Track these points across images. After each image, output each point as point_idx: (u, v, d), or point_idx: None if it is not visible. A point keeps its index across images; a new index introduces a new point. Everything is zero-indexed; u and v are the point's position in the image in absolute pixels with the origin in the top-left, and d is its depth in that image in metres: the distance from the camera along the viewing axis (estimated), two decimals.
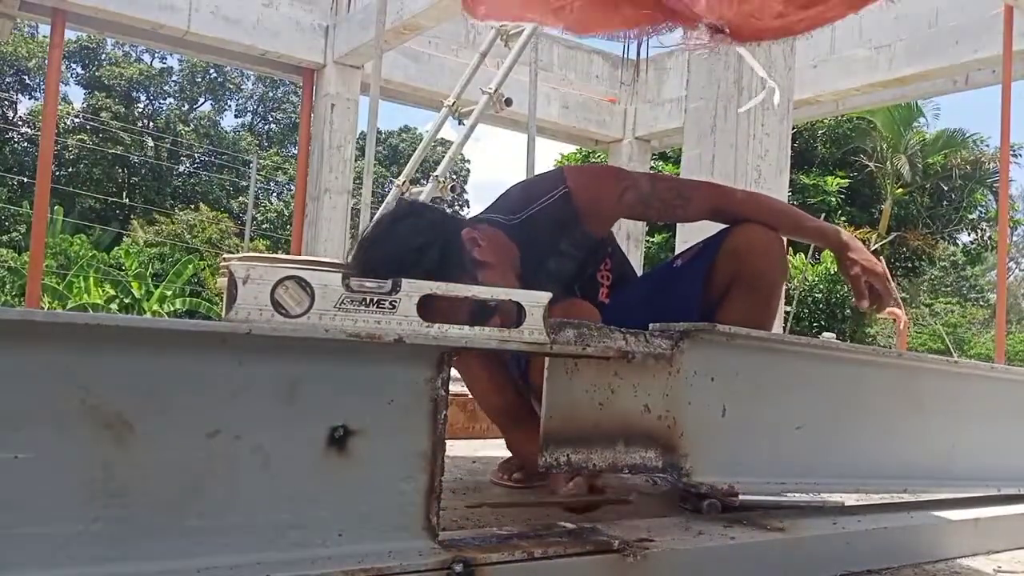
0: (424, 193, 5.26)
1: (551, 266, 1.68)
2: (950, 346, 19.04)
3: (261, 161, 28.49)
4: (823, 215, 16.51)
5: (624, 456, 1.14)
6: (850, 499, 1.56)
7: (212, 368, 0.77)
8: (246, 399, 0.79)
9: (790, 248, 15.45)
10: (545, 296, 0.96)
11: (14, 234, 22.77)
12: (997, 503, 1.61)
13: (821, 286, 16.12)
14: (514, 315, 1.03)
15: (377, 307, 0.85)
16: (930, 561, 1.36)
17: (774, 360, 1.33)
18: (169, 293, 18.21)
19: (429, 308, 1.27)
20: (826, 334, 11.78)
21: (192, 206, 26.04)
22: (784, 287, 1.85)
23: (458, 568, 0.87)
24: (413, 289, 0.87)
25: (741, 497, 1.37)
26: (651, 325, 1.20)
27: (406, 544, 0.87)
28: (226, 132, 31.90)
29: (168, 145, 28.89)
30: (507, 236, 1.64)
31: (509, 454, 2.02)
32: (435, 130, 5.85)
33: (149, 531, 0.75)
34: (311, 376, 0.82)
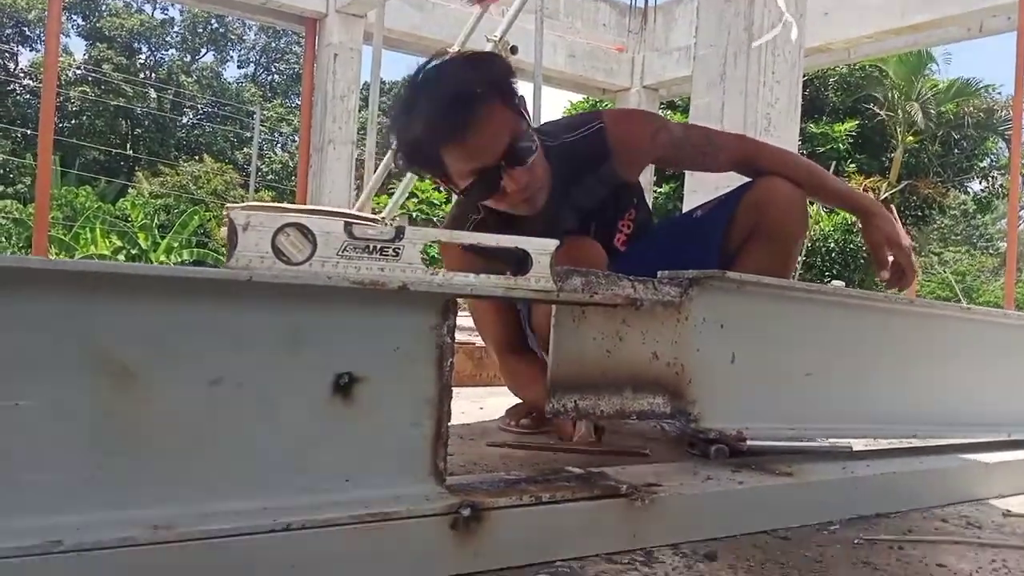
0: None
1: (575, 198, 1.67)
2: (959, 294, 19.00)
3: (265, 112, 28.26)
4: (832, 163, 16.35)
5: (632, 402, 1.13)
6: (858, 444, 1.56)
7: (214, 316, 0.76)
8: (249, 347, 0.78)
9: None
10: (552, 243, 0.94)
11: (19, 186, 22.75)
12: (1007, 448, 1.61)
13: (835, 236, 16.01)
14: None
15: (380, 254, 0.84)
16: (939, 505, 1.37)
17: (784, 307, 1.32)
18: (176, 244, 18.21)
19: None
20: (835, 282, 11.74)
21: (196, 157, 25.91)
22: (804, 242, 1.83)
23: (465, 512, 0.87)
24: (417, 236, 0.85)
25: (749, 443, 1.37)
26: (659, 272, 1.18)
27: (413, 489, 0.87)
28: (229, 83, 31.60)
29: (171, 96, 28.64)
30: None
31: (516, 401, 2.03)
32: None
33: (154, 478, 0.74)
34: (314, 324, 0.81)
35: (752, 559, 1.02)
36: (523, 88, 1.57)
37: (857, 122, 18.48)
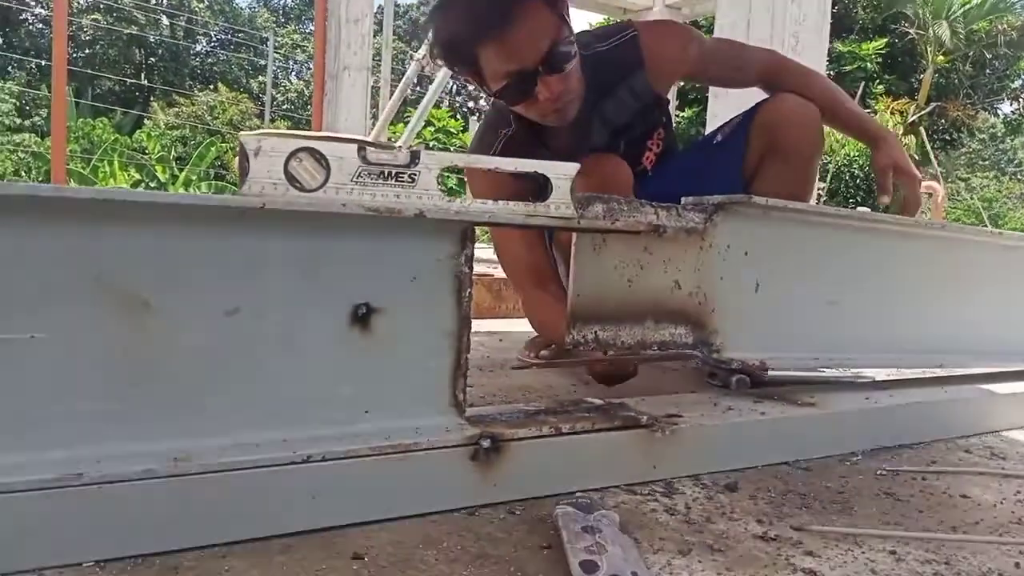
0: (444, 68, 5.09)
1: (606, 112, 1.64)
2: (986, 221, 18.67)
3: (279, 39, 27.78)
4: (861, 84, 15.89)
5: (653, 333, 1.12)
6: (882, 375, 1.54)
7: (228, 244, 0.74)
8: (265, 276, 0.76)
9: None
10: (573, 167, 0.91)
11: (36, 119, 22.67)
12: None
13: (860, 161, 15.67)
14: None
15: (396, 180, 0.81)
16: (963, 436, 1.35)
17: (811, 233, 1.28)
18: (194, 177, 18.18)
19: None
20: (861, 209, 11.57)
21: (211, 87, 25.65)
22: (820, 160, 1.78)
23: (485, 443, 0.86)
24: (432, 161, 0.82)
25: (771, 373, 1.36)
26: (683, 199, 1.15)
27: (433, 421, 0.86)
28: (241, 8, 31.00)
29: (183, 23, 28.20)
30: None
31: (535, 333, 2.02)
32: None
33: (172, 411, 0.74)
34: (331, 252, 0.79)
35: (773, 490, 1.01)
36: None
37: (886, 40, 17.89)
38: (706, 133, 2.17)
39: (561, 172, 0.90)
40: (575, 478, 0.93)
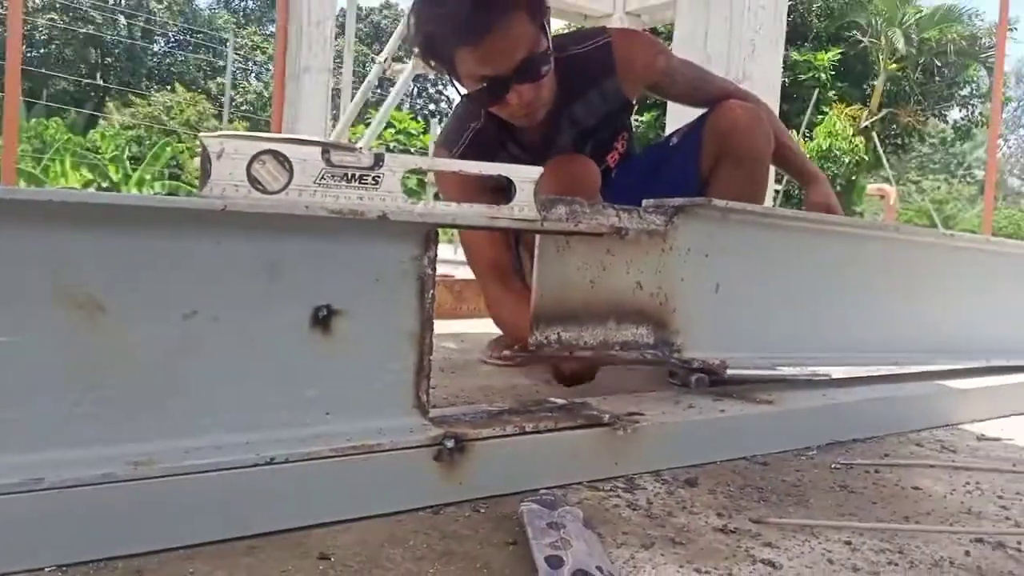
0: (406, 71, 5.09)
1: (576, 111, 1.68)
2: (936, 222, 19.13)
3: (238, 40, 27.45)
4: (815, 92, 16.19)
5: (615, 333, 1.13)
6: (837, 372, 1.57)
7: (187, 247, 0.74)
8: (225, 279, 0.76)
9: (785, 123, 15.18)
10: (536, 171, 0.92)
11: None
12: (984, 374, 1.63)
13: (814, 162, 15.94)
14: None
15: (359, 183, 0.81)
16: (915, 430, 1.39)
17: (768, 235, 1.31)
18: (148, 177, 17.88)
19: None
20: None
21: (168, 87, 25.25)
22: (770, 163, 1.85)
23: (449, 444, 0.87)
24: (396, 164, 0.83)
25: (729, 371, 1.38)
26: (644, 201, 1.17)
27: (396, 421, 0.86)
28: (201, 9, 30.60)
29: (141, 23, 27.72)
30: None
31: (497, 333, 2.03)
32: None
33: (133, 413, 0.73)
34: (292, 255, 0.79)
35: (732, 484, 1.03)
36: None
37: (840, 50, 18.25)
38: (664, 135, 2.21)
39: (525, 176, 0.91)
40: (539, 476, 0.94)
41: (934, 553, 0.84)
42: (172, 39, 29.41)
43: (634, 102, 1.81)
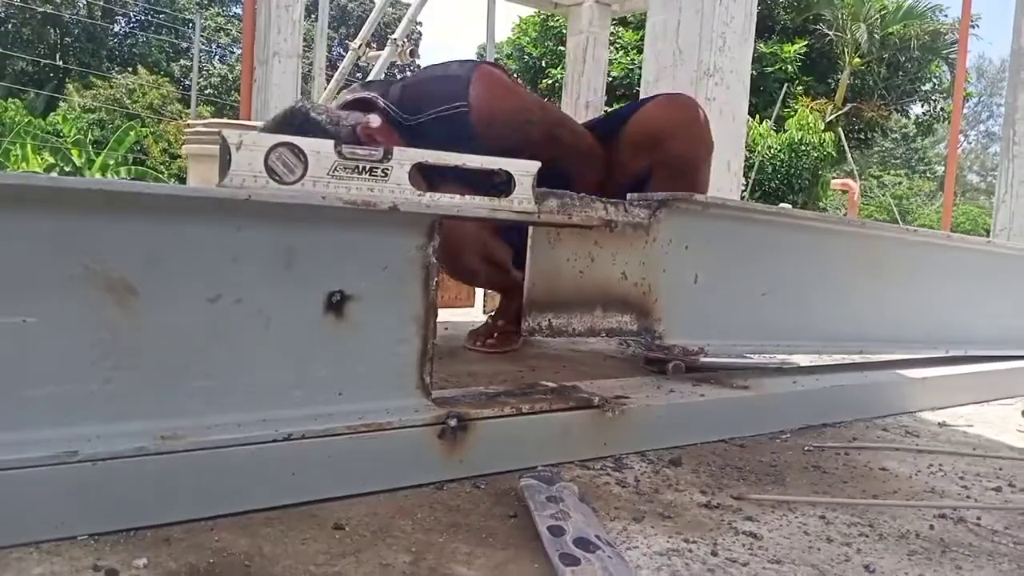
0: (381, 58, 5.10)
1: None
2: (897, 216, 19.53)
3: (203, 22, 26.99)
4: (783, 85, 16.41)
5: (602, 321, 1.19)
6: (804, 360, 1.65)
7: (211, 234, 0.77)
8: (246, 264, 0.80)
9: (757, 116, 15.37)
10: (534, 165, 0.97)
11: None
12: (944, 364, 1.72)
13: (782, 156, 16.19)
14: None
15: (370, 175, 0.86)
16: (881, 416, 1.47)
17: (745, 228, 1.38)
18: (112, 162, 17.56)
19: None
20: (783, 205, 11.98)
21: (130, 69, 24.77)
22: (710, 162, 1.79)
23: (452, 423, 0.92)
24: (404, 157, 0.87)
25: (701, 359, 1.45)
26: (629, 195, 1.22)
27: (402, 402, 0.91)
28: None
29: (101, 3, 27.14)
30: (401, 138, 1.54)
31: (479, 321, 2.08)
32: None
33: (158, 391, 0.77)
34: (308, 242, 0.83)
35: (713, 464, 1.10)
36: (478, 2, 1.51)
37: (806, 42, 18.50)
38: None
39: (523, 169, 0.96)
40: (533, 454, 0.99)
41: (901, 527, 0.91)
42: (133, 19, 28.85)
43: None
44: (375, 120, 1.53)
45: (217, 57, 29.38)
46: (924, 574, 0.77)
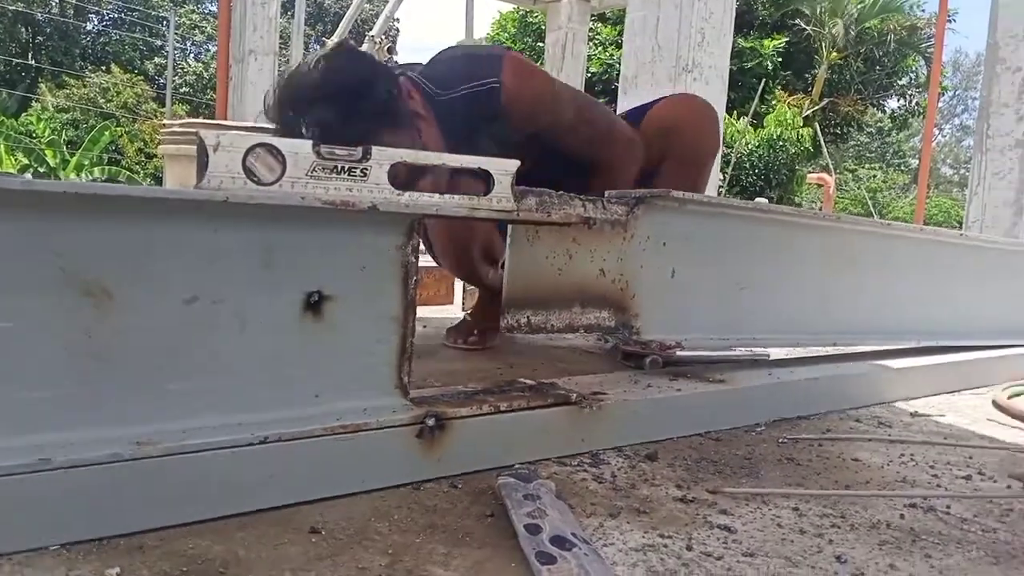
0: None
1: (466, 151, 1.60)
2: (871, 210, 19.73)
3: (177, 19, 26.71)
4: (762, 81, 16.51)
5: (580, 317, 1.20)
6: (778, 353, 1.67)
7: (188, 236, 0.77)
8: (223, 266, 0.80)
9: (733, 112, 15.46)
10: (513, 164, 0.97)
11: None
12: (916, 354, 1.75)
13: (759, 152, 16.31)
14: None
15: (348, 174, 0.86)
16: (854, 407, 1.49)
17: (721, 224, 1.39)
18: (87, 162, 17.38)
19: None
20: (759, 199, 12.07)
21: (103, 68, 24.48)
22: (715, 159, 1.91)
23: (431, 422, 0.92)
24: (383, 157, 0.88)
25: (678, 353, 1.46)
26: (607, 192, 1.23)
27: (381, 402, 0.91)
28: None
29: (74, 1, 26.80)
30: (431, 110, 1.56)
31: (457, 319, 2.08)
32: None
33: (135, 394, 0.77)
34: (285, 242, 0.83)
35: (689, 458, 1.11)
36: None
37: (785, 37, 18.63)
38: None
39: (502, 168, 0.96)
40: (512, 452, 1.00)
41: (872, 517, 0.92)
42: (106, 17, 28.51)
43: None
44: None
45: (192, 55, 29.12)
46: (895, 563, 0.79)
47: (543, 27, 9.00)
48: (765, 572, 0.75)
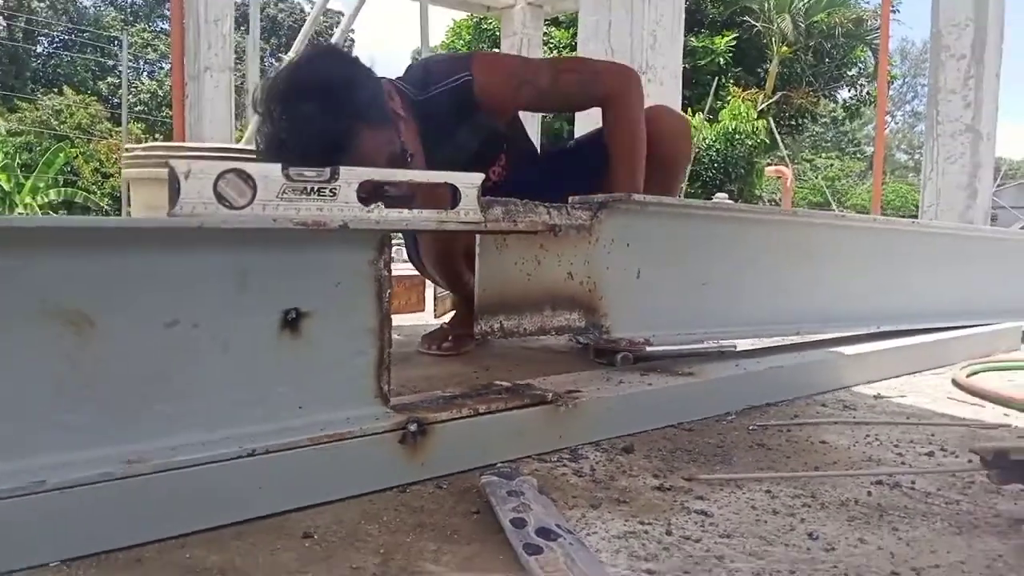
0: None
1: (442, 153, 1.66)
2: (830, 198, 20.08)
3: (129, 38, 26.38)
4: (716, 77, 16.74)
5: (551, 320, 1.23)
6: (744, 344, 1.72)
7: (165, 262, 0.79)
8: (201, 289, 0.82)
9: (689, 109, 15.64)
10: (478, 177, 1.00)
11: None
12: (876, 339, 1.81)
13: (717, 146, 16.51)
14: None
15: (318, 195, 0.88)
16: (820, 392, 1.54)
17: (683, 224, 1.43)
18: (42, 185, 17.11)
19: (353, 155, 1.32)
20: (719, 195, 12.21)
21: (55, 90, 24.10)
22: (688, 166, 2.01)
23: (412, 428, 0.95)
24: (351, 176, 0.90)
25: (647, 349, 1.51)
26: (571, 198, 1.27)
27: (363, 411, 0.94)
28: (86, 8, 29.27)
29: (22, 24, 26.34)
30: (411, 110, 1.65)
31: (433, 326, 2.11)
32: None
33: (121, 417, 0.79)
34: (260, 264, 0.86)
35: (664, 449, 1.15)
36: (405, 8, 1.59)
37: (735, 34, 18.90)
38: (576, 136, 2.32)
39: (468, 181, 0.99)
40: (493, 452, 1.03)
41: (841, 495, 0.97)
42: (57, 39, 28.07)
43: (508, 119, 1.86)
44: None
45: (145, 73, 28.78)
46: (864, 537, 0.83)
47: (498, 33, 9.05)
48: (742, 551, 0.79)
